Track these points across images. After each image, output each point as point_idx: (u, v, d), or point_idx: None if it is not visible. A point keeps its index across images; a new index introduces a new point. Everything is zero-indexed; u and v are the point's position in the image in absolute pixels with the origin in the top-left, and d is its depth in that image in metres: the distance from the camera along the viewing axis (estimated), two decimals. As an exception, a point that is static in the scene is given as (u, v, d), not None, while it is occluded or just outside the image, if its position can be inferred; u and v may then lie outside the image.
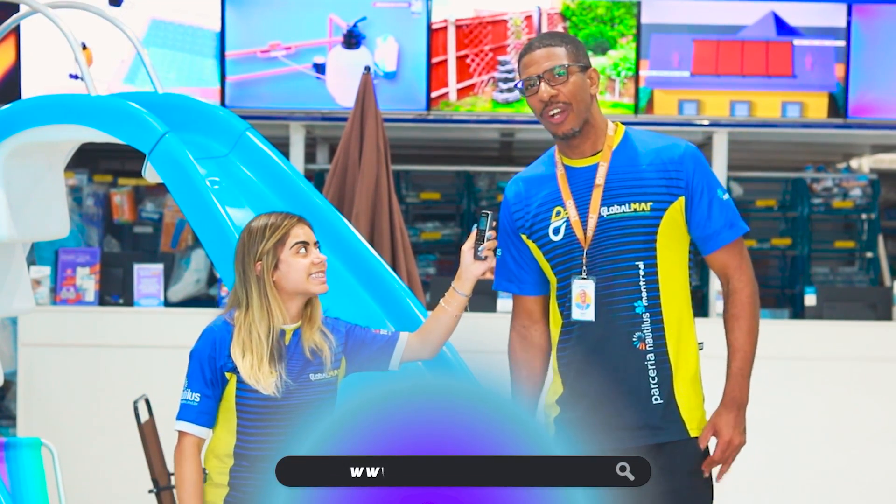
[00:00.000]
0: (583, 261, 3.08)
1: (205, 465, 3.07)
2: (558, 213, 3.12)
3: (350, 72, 6.51)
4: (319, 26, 6.68)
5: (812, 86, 6.73)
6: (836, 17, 6.69)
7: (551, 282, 3.17)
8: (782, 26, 6.71)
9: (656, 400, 3.05)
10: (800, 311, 7.14)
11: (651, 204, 3.07)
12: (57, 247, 6.22)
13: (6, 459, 3.93)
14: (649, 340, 3.05)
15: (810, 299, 6.24)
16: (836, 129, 6.86)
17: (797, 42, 6.71)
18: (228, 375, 2.98)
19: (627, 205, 3.07)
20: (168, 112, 3.81)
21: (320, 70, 6.69)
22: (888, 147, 7.98)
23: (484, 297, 5.91)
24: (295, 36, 6.68)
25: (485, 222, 3.07)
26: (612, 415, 3.04)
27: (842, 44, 6.69)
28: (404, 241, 5.41)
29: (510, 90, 6.72)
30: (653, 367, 3.06)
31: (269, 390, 2.95)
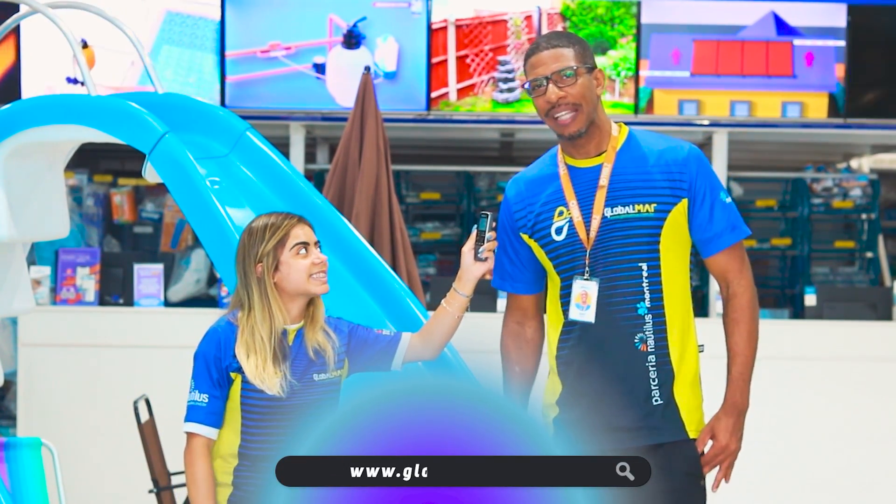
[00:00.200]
0: (585, 261, 3.08)
1: None
2: (561, 213, 3.11)
3: (350, 72, 6.51)
4: (319, 26, 6.68)
5: (812, 86, 6.73)
6: (836, 17, 6.69)
7: (554, 281, 3.16)
8: (782, 26, 6.71)
9: (656, 401, 3.05)
10: (800, 311, 7.14)
11: (655, 205, 3.07)
12: (57, 247, 6.22)
13: (6, 459, 3.93)
14: (651, 342, 3.05)
15: (810, 299, 6.24)
16: (836, 129, 6.86)
17: (797, 42, 6.71)
18: (234, 375, 2.98)
19: (631, 206, 3.07)
20: (168, 112, 3.81)
21: (320, 70, 6.69)
22: (888, 147, 7.97)
23: (484, 297, 5.91)
24: (295, 36, 6.68)
25: (485, 223, 3.07)
26: (611, 415, 3.03)
27: (842, 44, 6.69)
28: (404, 241, 5.40)
29: (510, 90, 6.71)
30: (654, 368, 3.05)
31: (275, 391, 2.95)
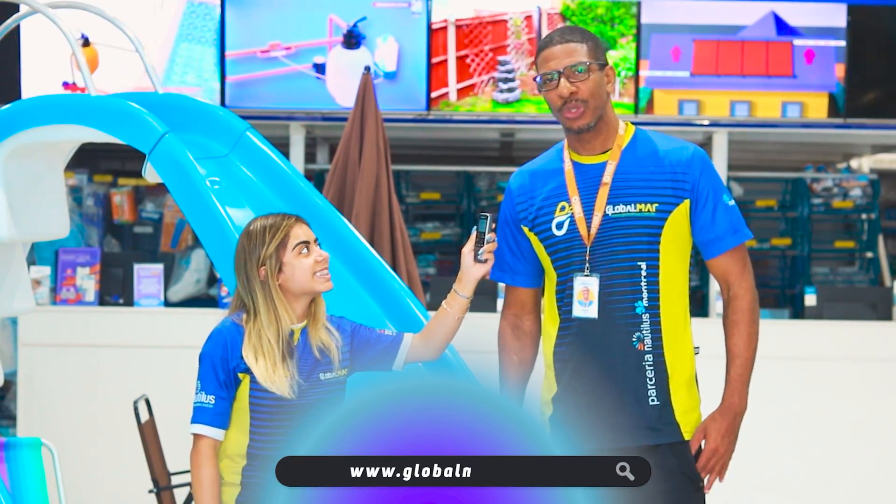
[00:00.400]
0: (585, 258, 3.07)
1: None
2: (563, 209, 3.11)
3: (350, 72, 6.51)
4: (319, 26, 6.68)
5: (812, 86, 6.73)
6: (836, 17, 6.69)
7: (550, 277, 3.16)
8: (782, 26, 6.71)
9: (653, 401, 3.05)
10: (800, 311, 7.14)
11: (657, 205, 3.07)
12: (57, 247, 6.22)
13: (6, 459, 3.93)
14: (648, 341, 3.05)
15: (810, 299, 6.24)
16: (836, 129, 6.86)
17: (797, 42, 6.71)
18: (242, 376, 2.96)
19: (633, 205, 3.07)
20: (168, 112, 3.81)
21: (320, 70, 6.69)
22: (888, 147, 7.97)
23: (484, 297, 5.91)
24: (295, 36, 6.68)
25: (484, 224, 3.06)
26: (607, 414, 3.03)
27: (842, 44, 6.69)
28: (404, 241, 5.40)
29: (510, 90, 6.71)
30: (650, 368, 3.05)
31: (286, 392, 2.94)
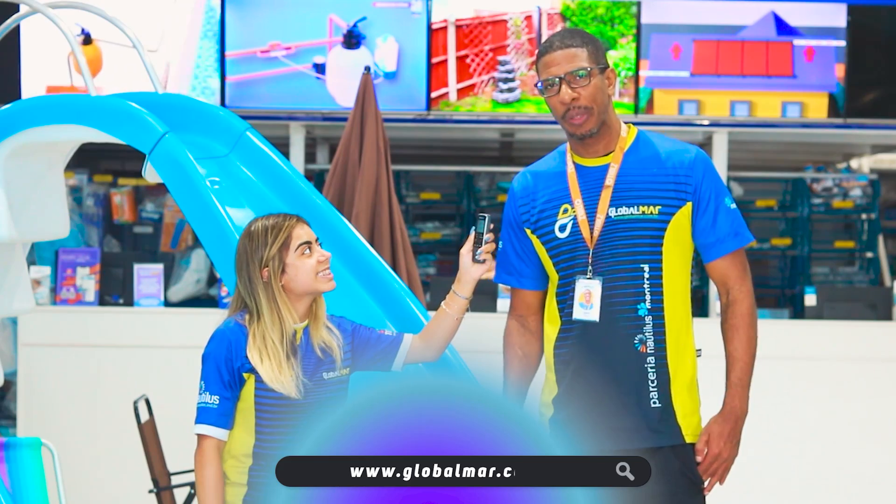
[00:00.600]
0: (588, 260, 3.07)
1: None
2: (566, 211, 3.11)
3: (350, 72, 6.51)
4: (319, 26, 6.68)
5: (812, 86, 6.73)
6: (836, 17, 6.69)
7: (552, 279, 3.16)
8: (782, 26, 6.71)
9: (654, 403, 3.05)
10: (800, 311, 7.14)
11: (660, 208, 3.07)
12: (57, 247, 6.21)
13: (6, 459, 3.93)
14: (650, 343, 3.05)
15: (810, 299, 6.24)
16: (836, 129, 6.86)
17: (797, 42, 6.71)
18: (246, 376, 2.96)
19: (636, 207, 3.07)
20: (168, 112, 3.81)
21: (320, 70, 6.69)
22: (888, 147, 7.97)
23: (484, 297, 5.91)
24: (295, 36, 6.68)
25: (482, 225, 3.05)
26: (608, 416, 3.03)
27: (842, 44, 6.69)
28: (404, 241, 5.40)
29: (510, 90, 6.71)
30: (653, 370, 3.05)
31: (292, 392, 2.93)
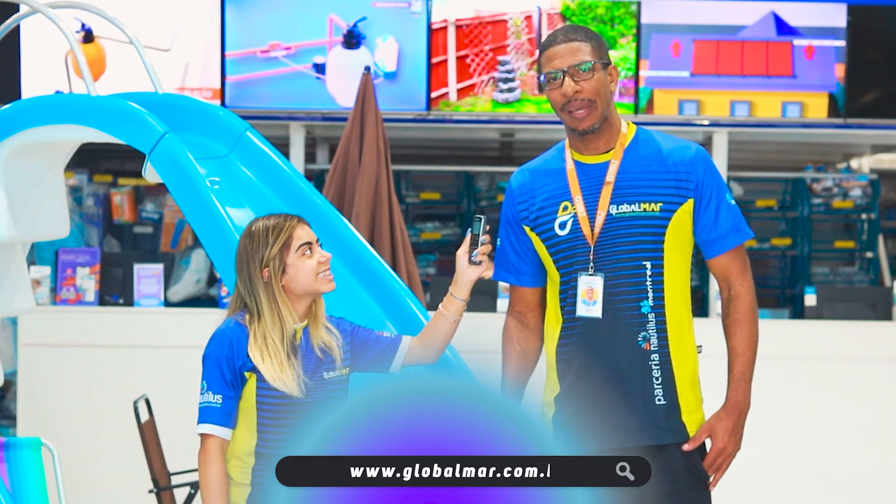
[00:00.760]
0: (589, 257, 3.07)
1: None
2: (565, 208, 3.11)
3: (350, 72, 6.52)
4: (319, 26, 6.68)
5: (812, 86, 6.73)
6: (836, 17, 6.69)
7: (553, 277, 3.15)
8: (782, 26, 6.71)
9: (659, 401, 3.05)
10: (800, 311, 7.14)
11: (661, 205, 3.07)
12: (57, 247, 6.22)
13: (6, 459, 3.93)
14: (654, 340, 3.05)
15: (810, 299, 6.24)
16: (836, 129, 6.86)
17: (797, 42, 6.71)
18: (248, 375, 2.96)
19: (637, 204, 3.07)
20: (168, 112, 3.81)
21: (320, 70, 6.69)
22: (888, 147, 7.97)
23: (484, 298, 5.91)
24: (295, 36, 6.68)
25: (478, 226, 3.05)
26: (612, 414, 3.03)
27: (842, 44, 6.69)
28: (404, 241, 5.40)
29: (510, 90, 6.71)
30: (657, 367, 3.05)
31: (295, 392, 2.94)
